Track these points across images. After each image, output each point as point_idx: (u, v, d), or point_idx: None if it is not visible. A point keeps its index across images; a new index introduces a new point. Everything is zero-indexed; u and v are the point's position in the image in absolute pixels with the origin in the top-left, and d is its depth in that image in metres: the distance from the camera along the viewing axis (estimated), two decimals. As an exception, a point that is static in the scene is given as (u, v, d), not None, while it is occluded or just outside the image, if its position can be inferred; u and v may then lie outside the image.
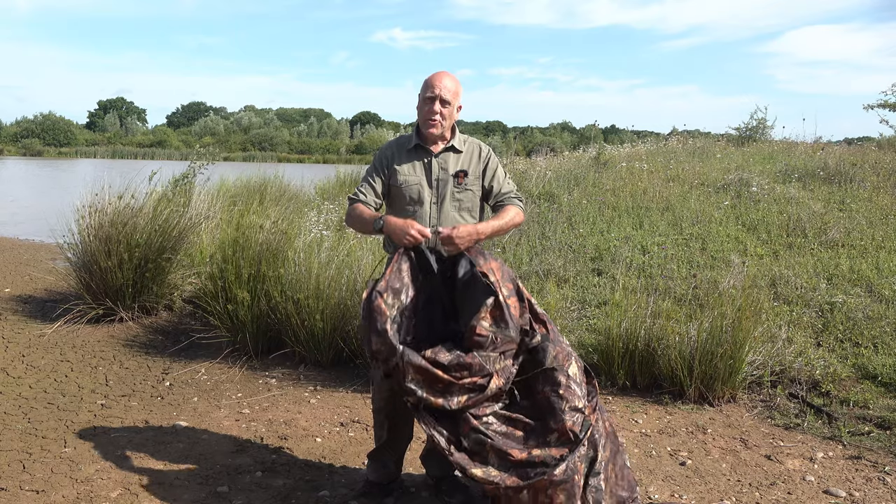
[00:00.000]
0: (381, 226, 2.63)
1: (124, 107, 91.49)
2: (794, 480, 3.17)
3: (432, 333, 2.55)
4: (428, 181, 2.78)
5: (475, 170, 2.83)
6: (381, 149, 2.92)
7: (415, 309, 2.55)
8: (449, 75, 2.76)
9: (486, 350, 2.43)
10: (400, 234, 2.57)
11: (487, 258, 2.60)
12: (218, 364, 4.67)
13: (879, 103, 12.71)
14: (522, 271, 5.97)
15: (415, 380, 2.37)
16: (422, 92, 2.76)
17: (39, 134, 61.47)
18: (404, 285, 2.53)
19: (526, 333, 2.54)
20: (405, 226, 2.57)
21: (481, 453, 2.38)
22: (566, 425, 2.40)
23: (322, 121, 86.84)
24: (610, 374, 4.28)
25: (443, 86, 2.71)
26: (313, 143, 72.54)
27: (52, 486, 2.96)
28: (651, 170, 9.97)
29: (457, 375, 2.39)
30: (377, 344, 2.41)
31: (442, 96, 2.70)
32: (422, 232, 2.56)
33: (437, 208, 2.77)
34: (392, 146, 2.88)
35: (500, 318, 2.47)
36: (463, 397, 2.41)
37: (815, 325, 4.80)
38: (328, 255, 4.85)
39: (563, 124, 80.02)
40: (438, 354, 2.40)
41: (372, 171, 2.85)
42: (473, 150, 2.86)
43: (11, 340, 5.08)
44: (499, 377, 2.45)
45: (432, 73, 2.77)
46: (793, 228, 6.84)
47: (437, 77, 2.74)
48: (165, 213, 5.74)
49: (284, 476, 3.13)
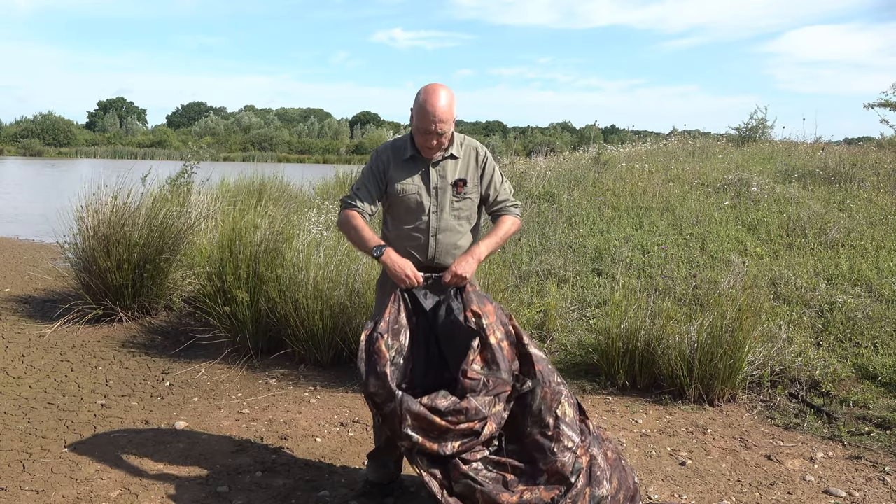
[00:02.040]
0: (379, 255, 2.61)
1: (124, 107, 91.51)
2: (794, 480, 3.17)
3: (427, 376, 2.56)
4: (427, 190, 2.74)
5: (473, 176, 2.79)
6: (377, 152, 2.82)
7: (411, 350, 2.55)
8: (444, 96, 2.61)
9: (480, 394, 2.42)
10: (395, 273, 2.58)
11: (483, 300, 2.58)
12: (218, 364, 4.67)
13: (880, 103, 12.71)
14: (522, 271, 5.97)
15: (412, 426, 2.37)
16: (417, 116, 2.62)
17: (39, 134, 61.46)
18: (402, 326, 2.54)
19: (517, 379, 2.52)
20: (402, 267, 2.58)
21: (471, 498, 2.37)
22: (556, 466, 2.40)
23: (322, 121, 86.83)
24: (610, 374, 4.28)
25: (438, 118, 2.58)
26: (313, 143, 72.52)
27: (52, 486, 2.96)
28: (651, 170, 9.98)
29: (453, 420, 2.38)
30: (375, 387, 2.41)
31: (438, 130, 2.60)
32: (416, 277, 2.57)
33: (437, 217, 2.75)
34: (388, 151, 2.79)
35: (491, 361, 2.46)
36: (457, 443, 2.41)
37: (815, 325, 4.80)
38: (326, 255, 4.85)
39: (563, 124, 79.96)
40: (436, 400, 2.39)
41: (368, 175, 2.76)
42: (470, 154, 2.80)
43: (11, 340, 5.08)
44: (492, 422, 2.44)
45: (426, 95, 2.60)
46: (793, 228, 6.84)
47: (432, 105, 2.58)
48: (162, 213, 5.73)
49: (284, 476, 3.13)
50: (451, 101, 2.63)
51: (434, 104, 2.58)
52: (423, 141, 2.65)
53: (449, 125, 2.63)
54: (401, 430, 2.38)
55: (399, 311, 2.55)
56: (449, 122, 2.62)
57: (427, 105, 2.59)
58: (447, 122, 2.61)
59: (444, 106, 2.60)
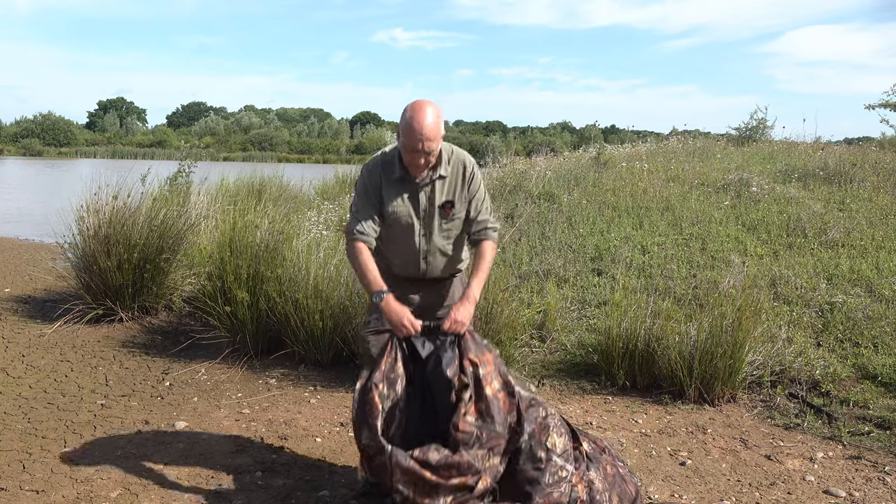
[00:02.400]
0: (378, 301, 2.60)
1: (124, 107, 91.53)
2: (794, 480, 3.17)
3: (423, 425, 2.53)
4: (416, 213, 2.73)
5: (461, 195, 2.75)
6: (368, 171, 2.75)
7: (407, 400, 2.53)
8: (430, 113, 2.55)
9: (473, 447, 2.37)
10: (393, 322, 2.57)
11: (482, 349, 2.54)
12: (218, 364, 4.67)
13: (881, 103, 12.71)
14: (522, 271, 5.97)
15: (402, 480, 2.34)
16: (403, 134, 2.57)
17: (39, 134, 61.45)
18: (398, 376, 2.52)
19: (515, 431, 2.49)
20: (399, 316, 2.56)
21: None
22: (552, 499, 2.39)
23: (322, 121, 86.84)
24: (610, 374, 4.28)
25: (425, 136, 2.52)
26: (313, 143, 72.51)
27: (52, 486, 2.96)
28: (651, 170, 9.98)
29: (445, 475, 2.34)
30: (367, 439, 2.40)
31: (426, 149, 2.56)
32: (413, 325, 2.56)
33: (426, 240, 2.75)
34: (377, 171, 2.73)
35: (486, 413, 2.41)
36: (449, 497, 2.37)
37: (815, 325, 4.80)
38: (326, 255, 4.85)
39: (563, 124, 79.98)
40: (427, 453, 2.35)
41: (364, 198, 2.72)
42: (458, 171, 2.75)
43: (11, 340, 5.08)
44: (486, 476, 2.40)
45: (412, 112, 2.55)
46: (793, 228, 6.84)
47: (418, 123, 2.52)
48: (162, 213, 5.73)
49: (284, 476, 3.13)
50: (437, 118, 2.57)
51: (420, 122, 2.53)
52: (411, 159, 2.61)
53: (436, 143, 2.59)
54: (391, 484, 2.35)
55: (396, 359, 2.53)
56: (436, 139, 2.57)
57: (413, 123, 2.54)
58: (434, 139, 2.56)
59: (431, 124, 2.54)
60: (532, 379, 4.37)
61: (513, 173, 9.83)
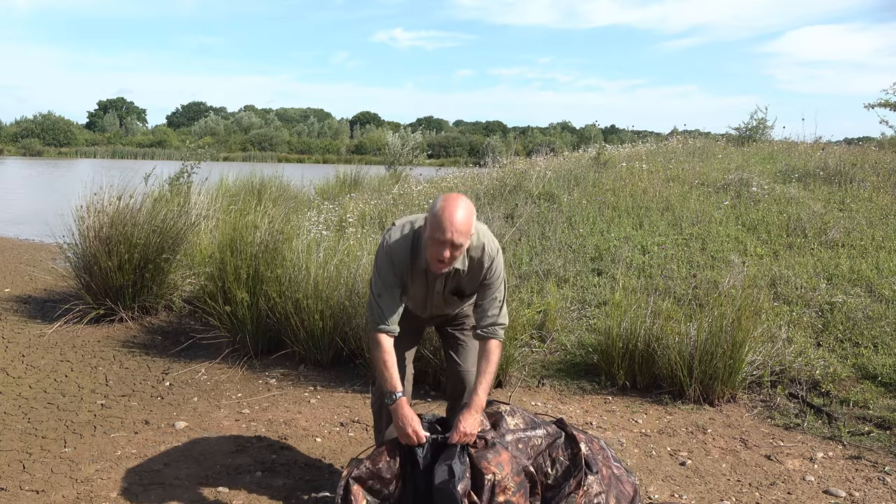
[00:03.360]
0: (390, 403, 2.57)
1: (124, 107, 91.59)
2: (794, 480, 3.17)
3: None
4: (429, 296, 2.74)
5: (472, 286, 2.70)
6: (394, 257, 2.62)
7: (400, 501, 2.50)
8: (461, 207, 2.44)
9: None
10: (400, 428, 2.55)
11: (499, 450, 2.46)
12: (218, 364, 4.67)
13: (880, 103, 12.71)
14: (522, 271, 5.97)
15: None
16: (431, 226, 2.46)
17: (39, 134, 61.45)
18: (394, 476, 2.48)
19: None
20: (407, 423, 2.52)
21: None
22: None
23: (322, 121, 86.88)
24: (610, 374, 4.28)
25: (454, 229, 2.41)
26: (313, 143, 72.50)
27: (52, 486, 2.96)
28: (651, 170, 9.97)
29: None
30: None
31: (453, 241, 2.43)
32: (418, 436, 2.52)
33: (431, 309, 2.80)
34: (406, 260, 2.62)
35: None
36: None
37: (815, 325, 4.80)
38: (326, 255, 4.85)
39: (563, 124, 79.96)
40: None
41: (392, 283, 2.62)
42: (475, 268, 2.64)
43: (11, 340, 5.08)
44: None
45: (444, 203, 2.45)
46: (793, 228, 6.84)
47: (449, 216, 2.41)
48: (162, 213, 5.73)
49: (284, 476, 3.13)
50: (469, 215, 2.46)
51: (452, 215, 2.41)
52: (435, 252, 2.47)
53: (465, 238, 2.46)
54: None
55: (395, 459, 2.51)
56: (465, 234, 2.45)
57: (445, 213, 2.42)
58: (464, 234, 2.44)
59: (462, 220, 2.43)
60: (532, 379, 4.38)
61: (513, 173, 9.83)
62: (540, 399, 4.14)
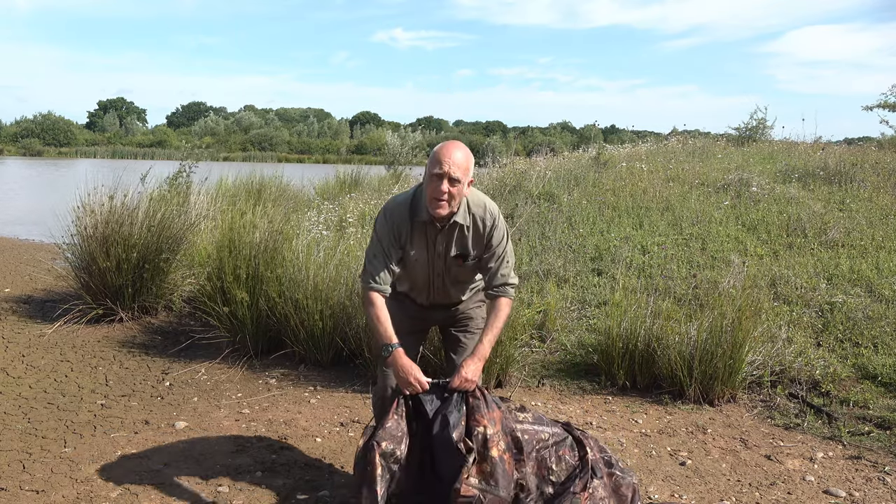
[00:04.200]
0: (387, 354, 2.57)
1: (124, 107, 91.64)
2: (794, 480, 3.17)
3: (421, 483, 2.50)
4: (430, 260, 2.71)
5: (476, 248, 2.69)
6: (390, 218, 2.65)
7: (408, 458, 2.49)
8: (459, 148, 2.54)
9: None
10: (400, 378, 2.55)
11: (491, 407, 2.50)
12: (218, 364, 4.67)
13: (879, 104, 12.71)
14: (522, 271, 5.97)
15: None
16: (430, 163, 2.53)
17: (39, 134, 61.47)
18: (403, 434, 2.48)
19: (521, 488, 2.45)
20: (407, 372, 2.52)
21: None
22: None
23: (322, 121, 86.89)
24: (610, 374, 4.28)
25: (452, 161, 2.47)
26: (313, 143, 72.51)
27: (52, 486, 2.96)
28: (651, 170, 9.97)
29: None
30: (367, 500, 2.37)
31: (451, 174, 2.47)
32: (420, 383, 2.53)
33: (436, 281, 2.77)
34: (404, 217, 2.64)
35: (489, 476, 2.35)
36: None
37: (815, 325, 4.80)
38: (326, 255, 4.85)
39: (563, 124, 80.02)
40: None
41: (387, 244, 2.64)
42: (477, 225, 2.66)
43: (11, 340, 5.08)
44: None
45: (441, 145, 2.56)
46: (793, 228, 6.84)
47: (446, 151, 2.51)
48: (160, 213, 5.72)
49: (284, 476, 3.13)
50: (466, 153, 2.54)
51: (448, 149, 2.52)
52: (433, 190, 2.51)
53: (462, 173, 2.50)
54: None
55: (402, 417, 2.50)
56: (462, 169, 2.50)
57: (440, 151, 2.52)
58: (460, 167, 2.49)
59: (459, 153, 2.51)
60: (532, 379, 4.38)
61: (513, 173, 9.82)
62: (540, 399, 4.14)
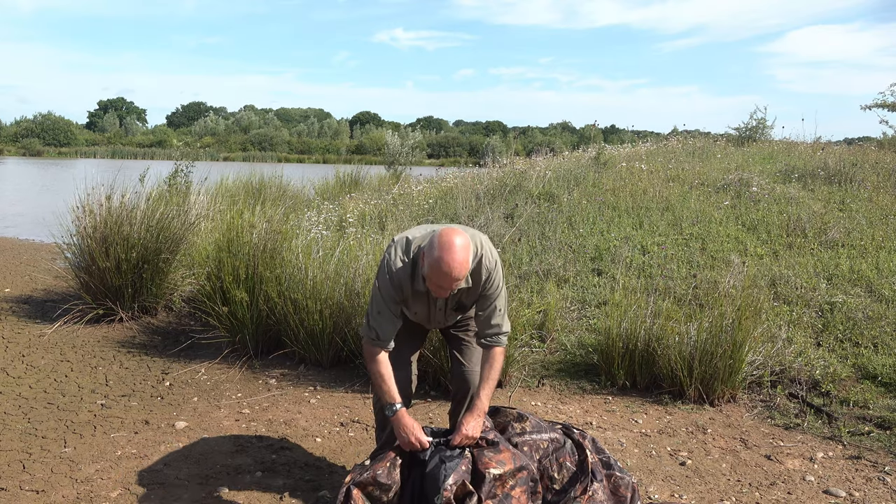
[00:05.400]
0: (391, 414, 2.58)
1: (124, 107, 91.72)
2: (794, 480, 3.17)
3: None
4: (431, 313, 2.77)
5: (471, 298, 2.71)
6: (393, 277, 2.61)
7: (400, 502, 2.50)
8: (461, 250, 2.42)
9: None
10: (401, 437, 2.56)
11: (500, 448, 2.49)
12: (218, 364, 4.67)
13: (877, 104, 12.72)
14: (522, 271, 5.97)
15: None
16: (430, 271, 2.45)
17: (39, 134, 61.51)
18: (394, 483, 2.48)
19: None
20: (409, 433, 2.53)
21: None
22: None
23: (322, 121, 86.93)
24: (610, 374, 4.28)
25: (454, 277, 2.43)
26: (313, 143, 72.55)
27: (52, 486, 2.96)
28: (651, 170, 9.97)
29: None
30: None
31: (453, 287, 2.50)
32: (421, 443, 2.54)
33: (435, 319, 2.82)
34: (406, 282, 2.62)
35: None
36: None
37: (815, 325, 4.80)
38: (325, 255, 4.84)
39: (563, 124, 80.00)
40: None
41: (389, 301, 2.63)
42: (473, 279, 2.64)
43: (11, 340, 5.08)
44: None
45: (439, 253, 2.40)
46: (793, 228, 6.84)
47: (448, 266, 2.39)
48: (158, 213, 5.72)
49: (284, 476, 3.13)
50: (467, 253, 2.46)
51: (450, 264, 2.40)
52: (436, 290, 2.52)
53: (465, 273, 2.48)
54: None
55: (395, 466, 2.51)
56: (466, 270, 2.47)
57: (443, 263, 2.39)
58: (464, 272, 2.46)
59: (461, 262, 2.42)
60: (532, 379, 4.38)
61: (513, 173, 9.83)
62: (540, 399, 4.14)
